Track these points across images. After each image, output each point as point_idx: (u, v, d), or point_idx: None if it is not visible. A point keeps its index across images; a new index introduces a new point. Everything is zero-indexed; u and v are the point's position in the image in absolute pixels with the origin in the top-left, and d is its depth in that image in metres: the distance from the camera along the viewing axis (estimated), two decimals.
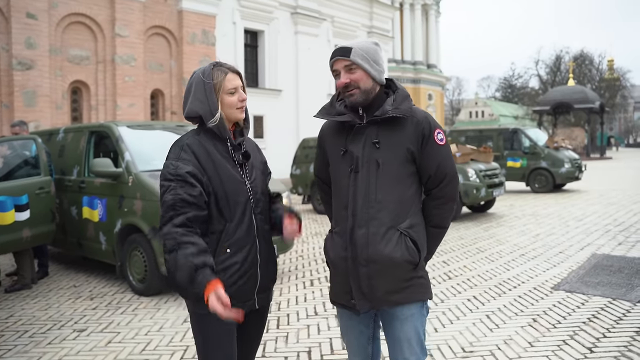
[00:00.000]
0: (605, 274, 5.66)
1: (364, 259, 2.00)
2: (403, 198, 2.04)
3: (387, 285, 2.01)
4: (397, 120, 2.02)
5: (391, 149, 2.02)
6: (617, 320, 4.22)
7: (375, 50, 2.06)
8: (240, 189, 2.04)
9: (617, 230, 8.35)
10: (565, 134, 42.99)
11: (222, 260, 1.99)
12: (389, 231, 1.99)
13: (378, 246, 1.98)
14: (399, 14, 41.63)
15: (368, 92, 2.03)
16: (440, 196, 2.10)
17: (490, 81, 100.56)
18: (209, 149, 2.02)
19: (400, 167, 2.03)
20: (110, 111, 14.09)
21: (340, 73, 2.04)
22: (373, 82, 2.05)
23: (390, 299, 2.03)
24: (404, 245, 1.99)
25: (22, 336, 4.30)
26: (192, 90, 2.04)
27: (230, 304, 1.80)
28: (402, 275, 2.01)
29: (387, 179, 2.02)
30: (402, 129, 2.03)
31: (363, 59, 2.01)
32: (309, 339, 4.05)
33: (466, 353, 3.68)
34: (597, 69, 60.14)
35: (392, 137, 2.02)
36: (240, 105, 2.07)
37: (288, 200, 6.22)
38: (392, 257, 1.98)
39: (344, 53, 2.01)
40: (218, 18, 16.59)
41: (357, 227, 2.01)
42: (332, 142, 2.16)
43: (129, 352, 3.90)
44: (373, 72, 2.03)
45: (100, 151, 6.48)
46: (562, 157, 14.53)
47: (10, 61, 12.23)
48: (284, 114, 18.70)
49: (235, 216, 2.02)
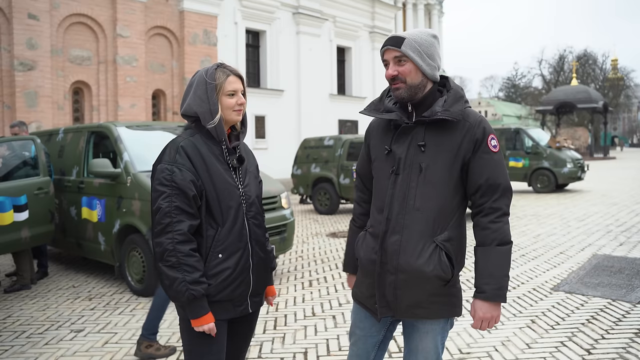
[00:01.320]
0: (606, 274, 5.63)
1: (393, 267, 1.89)
2: (444, 207, 1.89)
3: (412, 298, 1.90)
4: (447, 122, 1.87)
5: (437, 153, 1.87)
6: (616, 321, 4.20)
7: (431, 44, 1.90)
8: (232, 193, 2.03)
9: (619, 230, 8.31)
10: (568, 134, 42.94)
11: (214, 265, 1.97)
12: (424, 242, 1.86)
13: (410, 256, 1.86)
14: (401, 13, 41.62)
15: (416, 87, 1.88)
16: (497, 208, 1.89)
17: (493, 81, 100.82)
18: (203, 151, 2.01)
19: (445, 173, 1.87)
20: (112, 112, 14.11)
21: (389, 64, 1.91)
22: (423, 77, 1.89)
23: (415, 312, 1.93)
24: (437, 258, 1.85)
25: (19, 337, 4.30)
26: (193, 88, 2.03)
27: (215, 334, 1.98)
28: (431, 290, 1.88)
29: (429, 185, 1.87)
30: (452, 132, 1.88)
31: (415, 51, 1.86)
32: (305, 339, 4.04)
33: (463, 355, 3.66)
34: (600, 69, 60.04)
35: (440, 141, 1.88)
36: (238, 108, 2.05)
37: (287, 200, 6.21)
38: (422, 270, 1.85)
39: (395, 43, 1.87)
40: (219, 18, 16.59)
41: (390, 232, 1.90)
42: (378, 140, 2.03)
43: (125, 352, 3.89)
44: (424, 66, 1.87)
45: (99, 152, 6.49)
46: (565, 157, 14.48)
47: (11, 62, 12.25)
48: (285, 114, 18.69)
49: (227, 221, 2.00)
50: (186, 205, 1.92)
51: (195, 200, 1.95)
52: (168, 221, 1.91)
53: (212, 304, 1.98)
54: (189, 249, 1.91)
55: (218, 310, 2.00)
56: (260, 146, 17.53)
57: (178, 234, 1.90)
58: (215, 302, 1.99)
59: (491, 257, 1.88)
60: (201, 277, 1.92)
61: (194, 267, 1.91)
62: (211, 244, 1.98)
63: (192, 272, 1.90)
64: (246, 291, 2.07)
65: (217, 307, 1.99)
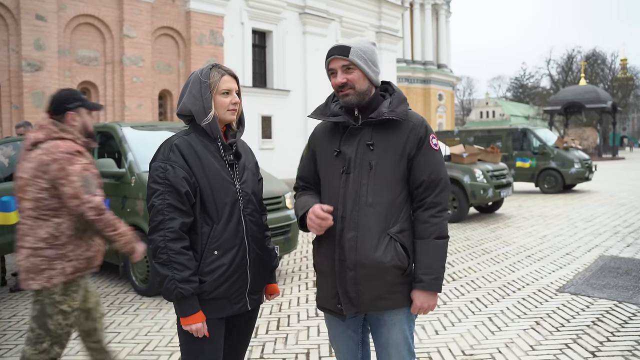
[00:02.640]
0: (612, 276, 5.57)
1: (351, 263, 1.95)
2: (394, 202, 1.98)
3: (374, 290, 1.96)
4: (393, 123, 1.99)
5: (385, 152, 1.98)
6: (622, 323, 4.15)
7: (373, 51, 2.03)
8: (228, 190, 2.03)
9: (627, 231, 8.24)
10: (576, 134, 42.66)
11: (209, 262, 1.98)
12: (379, 235, 1.94)
13: (367, 250, 1.93)
14: (409, 13, 41.54)
15: (363, 93, 1.99)
16: (437, 203, 2.01)
17: (501, 81, 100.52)
18: (198, 149, 2.02)
19: (393, 170, 1.98)
20: (119, 112, 14.17)
21: (336, 72, 2.01)
22: (369, 83, 2.01)
23: (377, 304, 1.99)
24: (394, 249, 1.94)
25: (23, 336, 4.31)
26: (189, 88, 2.06)
27: (207, 334, 1.98)
28: (391, 280, 1.95)
29: (379, 182, 1.97)
30: (398, 131, 1.99)
31: (361, 59, 1.97)
32: (308, 340, 4.02)
33: (466, 356, 3.63)
34: (609, 69, 59.65)
35: (386, 140, 1.99)
36: (232, 107, 2.06)
37: (291, 200, 6.19)
38: (381, 261, 1.92)
39: (342, 52, 1.98)
40: (226, 18, 16.61)
41: (346, 230, 1.96)
42: (324, 143, 2.11)
43: (128, 352, 3.90)
44: (370, 73, 1.99)
45: (105, 151, 6.51)
46: (572, 158, 14.38)
47: (19, 62, 12.33)
48: (292, 114, 18.67)
49: (223, 217, 2.01)
50: (179, 203, 1.94)
51: (189, 197, 1.96)
52: (160, 219, 1.92)
53: (208, 301, 1.98)
54: (181, 246, 1.92)
55: (214, 307, 2.00)
56: (266, 146, 17.53)
57: (170, 232, 1.91)
58: (212, 299, 1.99)
59: (430, 249, 1.98)
60: (192, 275, 1.92)
61: (184, 266, 1.91)
62: (207, 241, 1.98)
63: (182, 271, 1.90)
64: (243, 288, 2.06)
65: (214, 304, 1.99)
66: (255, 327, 4.32)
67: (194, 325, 1.94)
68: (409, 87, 41.75)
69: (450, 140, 14.98)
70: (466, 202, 9.77)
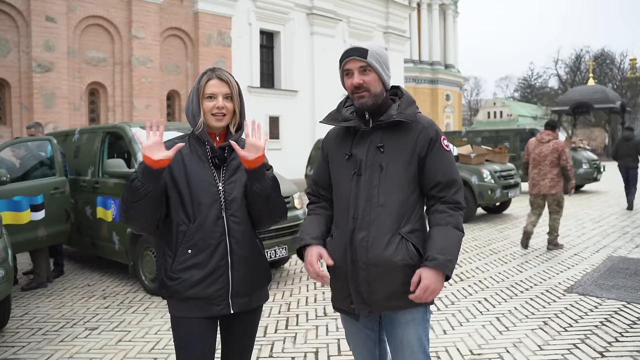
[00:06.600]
0: (621, 276, 5.56)
1: (363, 263, 1.97)
2: (405, 202, 2.01)
3: (386, 290, 1.98)
4: (402, 125, 2.02)
5: (395, 153, 2.01)
6: (630, 324, 4.15)
7: (386, 55, 2.07)
8: (207, 190, 2.02)
9: (635, 232, 8.20)
10: (585, 135, 42.41)
11: (183, 260, 1.99)
12: (390, 235, 1.96)
13: (378, 250, 1.95)
14: (416, 14, 41.46)
15: (377, 96, 2.02)
16: (455, 200, 2.03)
17: (508, 81, 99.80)
18: (185, 152, 2.05)
19: (403, 171, 2.01)
20: (127, 112, 14.27)
21: (353, 73, 2.02)
22: (383, 86, 2.05)
23: (390, 304, 2.00)
24: (405, 248, 1.96)
25: (35, 333, 4.37)
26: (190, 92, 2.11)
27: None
28: (402, 279, 1.96)
29: (390, 183, 2.00)
30: (407, 133, 2.03)
31: (377, 62, 2.01)
32: (317, 339, 4.05)
33: (474, 356, 3.64)
34: (618, 68, 59.17)
35: (396, 141, 2.02)
36: (216, 112, 2.02)
37: (300, 200, 6.22)
38: (392, 260, 1.94)
39: (361, 54, 1.99)
40: (234, 19, 16.69)
41: (357, 230, 1.99)
42: (336, 148, 2.14)
43: (139, 350, 3.94)
44: (384, 76, 2.03)
45: (114, 152, 6.57)
46: (580, 158, 14.32)
47: (30, 64, 12.46)
48: (299, 114, 18.72)
49: (198, 217, 2.00)
50: None
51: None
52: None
53: (184, 300, 1.99)
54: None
55: (191, 307, 2.00)
56: (274, 147, 17.58)
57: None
58: (190, 299, 1.99)
59: (447, 235, 1.97)
60: None
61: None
62: (181, 240, 2.00)
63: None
64: (224, 290, 2.01)
65: (191, 304, 2.00)
66: (264, 326, 4.35)
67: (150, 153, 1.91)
68: (417, 87, 41.67)
69: (457, 140, 14.92)
70: (474, 202, 9.76)
